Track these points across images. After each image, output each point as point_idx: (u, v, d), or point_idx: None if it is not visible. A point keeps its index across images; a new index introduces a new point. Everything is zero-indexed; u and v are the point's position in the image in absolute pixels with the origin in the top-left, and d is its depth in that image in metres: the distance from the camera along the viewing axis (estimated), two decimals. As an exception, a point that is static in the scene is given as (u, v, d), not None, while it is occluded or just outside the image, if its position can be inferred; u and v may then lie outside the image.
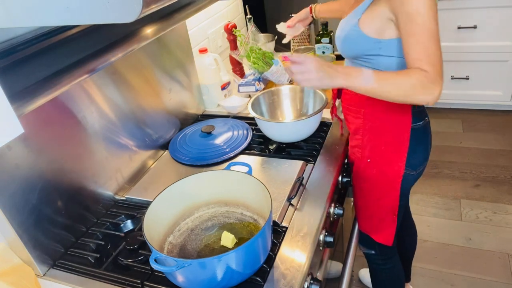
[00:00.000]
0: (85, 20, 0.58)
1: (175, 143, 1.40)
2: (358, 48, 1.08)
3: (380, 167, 1.18)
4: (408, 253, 1.65)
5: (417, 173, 1.19)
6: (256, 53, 1.65)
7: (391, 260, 1.41)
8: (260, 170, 1.22)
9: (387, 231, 1.28)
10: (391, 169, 1.16)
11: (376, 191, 1.22)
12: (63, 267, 0.99)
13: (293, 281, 0.86)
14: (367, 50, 1.06)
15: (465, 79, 2.84)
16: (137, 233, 1.05)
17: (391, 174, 1.17)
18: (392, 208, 1.23)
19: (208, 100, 1.65)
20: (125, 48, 1.09)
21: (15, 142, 0.89)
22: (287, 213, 1.05)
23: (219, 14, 1.93)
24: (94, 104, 1.09)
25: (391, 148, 1.15)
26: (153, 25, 1.19)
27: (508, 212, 2.16)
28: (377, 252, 1.38)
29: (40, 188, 0.95)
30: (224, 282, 0.82)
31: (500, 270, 1.85)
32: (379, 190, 1.21)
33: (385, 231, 1.28)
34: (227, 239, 0.93)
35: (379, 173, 1.19)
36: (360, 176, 1.24)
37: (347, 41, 1.09)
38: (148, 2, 0.55)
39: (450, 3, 2.61)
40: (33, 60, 0.91)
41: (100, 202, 1.14)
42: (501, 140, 2.71)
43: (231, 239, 0.93)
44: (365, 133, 1.18)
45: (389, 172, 1.17)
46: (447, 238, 2.05)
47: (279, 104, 1.46)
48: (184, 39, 1.50)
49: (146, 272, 0.94)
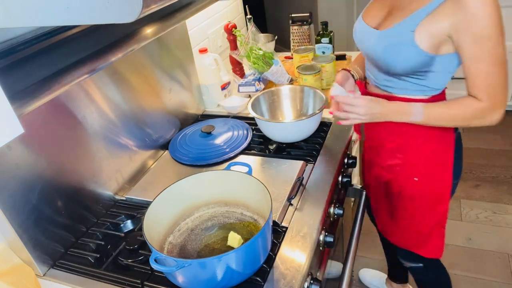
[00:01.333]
0: (85, 20, 0.58)
1: (175, 143, 1.40)
2: (410, 64, 0.96)
3: (429, 183, 1.11)
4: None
5: (458, 180, 1.15)
6: (256, 53, 1.65)
7: (439, 269, 1.36)
8: (260, 170, 1.22)
9: (435, 244, 1.22)
10: (440, 183, 1.11)
11: (424, 207, 1.15)
12: (63, 267, 0.99)
13: (293, 281, 0.86)
14: (419, 66, 0.96)
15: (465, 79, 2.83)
16: (137, 233, 1.05)
17: (441, 188, 1.11)
18: (440, 221, 1.18)
19: (208, 100, 1.65)
20: (125, 48, 1.09)
21: (15, 142, 0.89)
22: (287, 213, 1.05)
23: (219, 14, 1.93)
24: (94, 104, 1.09)
25: (437, 163, 1.09)
26: (153, 25, 1.19)
27: (508, 212, 2.16)
28: (425, 265, 1.32)
29: (40, 188, 0.95)
30: (224, 282, 0.82)
31: (500, 270, 1.85)
32: (427, 206, 1.15)
33: (432, 245, 1.22)
34: (234, 239, 0.93)
35: (428, 189, 1.12)
36: (405, 195, 1.16)
37: (396, 56, 0.97)
38: (148, 2, 0.55)
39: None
40: (33, 60, 0.91)
41: (100, 202, 1.14)
42: (501, 140, 2.71)
43: (237, 240, 0.92)
44: (408, 151, 1.10)
45: (439, 187, 1.11)
46: (447, 238, 2.03)
47: (279, 104, 1.46)
48: (184, 39, 1.50)
49: (146, 272, 0.94)
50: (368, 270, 1.90)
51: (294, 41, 1.98)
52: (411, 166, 1.12)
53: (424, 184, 1.12)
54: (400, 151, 1.12)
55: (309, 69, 1.57)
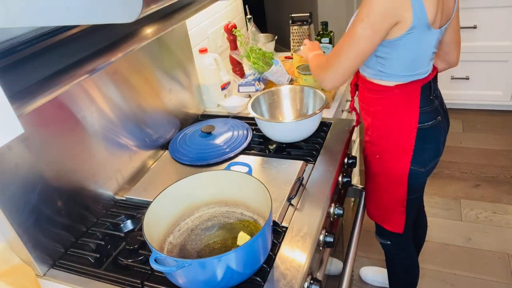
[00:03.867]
0: (85, 20, 0.58)
1: (175, 143, 1.40)
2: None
3: (388, 163, 1.23)
4: (417, 244, 1.67)
5: (427, 169, 1.23)
6: (256, 53, 1.65)
7: (405, 250, 1.47)
8: (260, 170, 1.22)
9: (396, 220, 1.34)
10: (398, 166, 1.21)
11: (385, 185, 1.28)
12: (63, 267, 0.99)
13: (293, 281, 0.86)
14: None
15: (465, 79, 2.84)
16: (137, 233, 1.05)
17: (398, 170, 1.22)
18: (401, 201, 1.28)
19: (208, 100, 1.65)
20: (125, 48, 1.09)
21: (15, 142, 0.89)
22: (287, 213, 1.05)
23: (219, 14, 1.93)
24: (94, 104, 1.09)
25: (398, 146, 1.19)
26: (153, 25, 1.19)
27: (508, 212, 2.16)
28: (392, 242, 1.44)
29: (40, 188, 0.95)
30: (224, 282, 0.82)
31: (500, 270, 1.85)
32: (388, 184, 1.27)
33: (394, 221, 1.35)
34: (244, 239, 0.93)
35: (387, 169, 1.24)
36: (371, 170, 1.30)
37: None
38: (148, 2, 0.55)
39: (450, 3, 2.61)
40: (33, 60, 0.90)
41: (100, 202, 1.14)
42: (501, 140, 2.71)
43: (247, 240, 0.92)
44: (374, 130, 1.24)
45: (396, 169, 1.22)
46: (447, 238, 2.05)
47: (279, 104, 1.46)
48: (184, 39, 1.50)
49: (146, 272, 0.94)
50: (369, 267, 1.90)
51: (294, 41, 1.98)
52: (373, 145, 1.26)
53: (383, 162, 1.25)
54: (370, 129, 1.26)
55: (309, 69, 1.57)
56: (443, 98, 1.28)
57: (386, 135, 1.21)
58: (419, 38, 1.05)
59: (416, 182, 1.25)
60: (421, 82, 1.14)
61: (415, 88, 1.14)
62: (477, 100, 2.93)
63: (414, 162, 1.19)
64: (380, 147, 1.23)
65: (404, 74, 1.12)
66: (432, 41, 1.10)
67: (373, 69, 1.16)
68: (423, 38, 1.06)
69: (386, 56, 1.10)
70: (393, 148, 1.21)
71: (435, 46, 1.13)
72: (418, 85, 1.14)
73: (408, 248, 1.48)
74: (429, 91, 1.16)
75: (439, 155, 1.24)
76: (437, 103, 1.19)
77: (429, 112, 1.17)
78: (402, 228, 1.35)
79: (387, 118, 1.19)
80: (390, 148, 1.21)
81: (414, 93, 1.14)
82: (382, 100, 1.17)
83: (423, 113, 1.15)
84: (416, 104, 1.14)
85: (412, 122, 1.15)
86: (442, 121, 1.21)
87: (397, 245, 1.45)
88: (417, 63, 1.11)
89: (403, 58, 1.09)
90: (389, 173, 1.25)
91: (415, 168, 1.20)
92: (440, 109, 1.21)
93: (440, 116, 1.20)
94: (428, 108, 1.16)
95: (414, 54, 1.08)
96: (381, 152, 1.24)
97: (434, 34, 1.08)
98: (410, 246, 1.48)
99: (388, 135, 1.20)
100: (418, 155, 1.18)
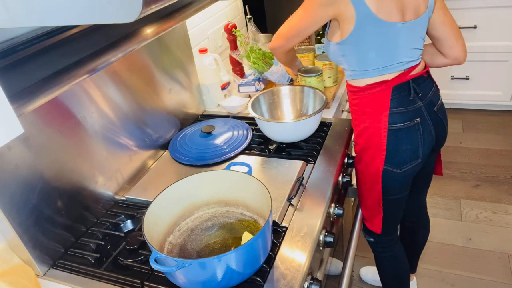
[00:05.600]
0: (85, 20, 0.58)
1: (175, 143, 1.40)
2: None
3: (366, 162, 1.26)
4: (418, 245, 1.66)
5: (404, 171, 1.22)
6: (256, 53, 1.65)
7: (390, 249, 1.46)
8: (260, 170, 1.22)
9: (375, 219, 1.35)
10: (374, 164, 1.23)
11: (365, 183, 1.30)
12: (63, 267, 0.99)
13: (293, 281, 0.86)
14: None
15: (465, 79, 2.84)
16: (137, 233, 1.05)
17: (374, 169, 1.24)
18: (378, 200, 1.29)
19: (208, 100, 1.65)
20: (125, 48, 1.09)
21: (15, 142, 0.89)
22: (287, 213, 1.05)
23: (219, 14, 1.93)
24: (94, 104, 1.10)
25: (371, 145, 1.21)
26: (153, 25, 1.19)
27: (508, 212, 2.16)
28: (375, 240, 1.45)
29: (40, 188, 0.95)
30: (224, 282, 0.82)
31: (500, 270, 1.85)
32: (366, 182, 1.29)
33: (374, 220, 1.36)
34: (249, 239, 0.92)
35: (366, 167, 1.26)
36: (356, 168, 1.33)
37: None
38: (148, 2, 0.55)
39: (450, 3, 2.61)
40: (33, 60, 0.91)
41: (100, 202, 1.14)
42: (501, 140, 2.71)
43: None
44: (355, 130, 1.28)
45: (373, 167, 1.24)
46: (447, 238, 2.05)
47: (279, 104, 1.46)
48: (184, 39, 1.50)
49: (146, 272, 0.94)
50: (369, 267, 1.90)
51: (294, 41, 1.97)
52: (356, 144, 1.29)
53: (363, 161, 1.27)
54: (354, 129, 1.30)
55: (312, 72, 1.56)
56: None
57: (362, 134, 1.23)
58: (372, 32, 1.07)
59: (393, 183, 1.24)
60: (393, 83, 1.14)
61: (385, 88, 1.14)
62: (477, 100, 2.93)
63: (388, 162, 1.20)
64: (359, 146, 1.26)
65: (368, 69, 1.14)
66: (396, 35, 1.09)
67: (347, 71, 1.20)
68: (379, 32, 1.07)
69: (347, 54, 1.13)
70: (368, 147, 1.22)
71: (406, 41, 1.11)
72: (389, 85, 1.14)
73: (393, 248, 1.45)
74: (408, 91, 1.15)
75: (417, 157, 1.21)
76: (419, 104, 1.17)
77: (404, 113, 1.15)
78: (380, 228, 1.35)
79: (362, 118, 1.22)
80: (366, 147, 1.23)
81: (384, 94, 1.14)
82: (356, 101, 1.21)
83: (396, 113, 1.15)
84: (386, 105, 1.15)
85: (381, 123, 1.17)
86: (423, 123, 1.18)
87: (380, 244, 1.45)
88: (382, 59, 1.11)
89: (363, 53, 1.11)
90: (367, 171, 1.26)
91: (389, 168, 1.21)
92: (423, 111, 1.17)
93: (421, 118, 1.17)
94: (403, 109, 1.15)
95: (375, 49, 1.10)
96: (360, 150, 1.27)
97: (396, 28, 1.08)
98: (395, 247, 1.45)
99: (363, 134, 1.23)
100: (392, 156, 1.19)
